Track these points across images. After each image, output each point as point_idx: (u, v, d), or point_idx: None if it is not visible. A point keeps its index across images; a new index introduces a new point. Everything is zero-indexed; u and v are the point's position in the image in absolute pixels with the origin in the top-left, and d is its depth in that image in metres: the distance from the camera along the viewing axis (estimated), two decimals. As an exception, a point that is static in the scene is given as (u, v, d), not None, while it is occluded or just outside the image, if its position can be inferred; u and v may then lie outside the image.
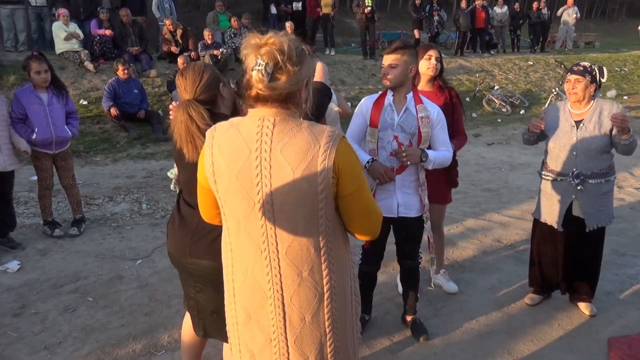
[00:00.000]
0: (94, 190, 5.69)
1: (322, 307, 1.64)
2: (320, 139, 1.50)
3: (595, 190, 3.06)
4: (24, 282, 3.69)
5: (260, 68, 1.45)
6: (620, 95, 13.04)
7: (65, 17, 8.83)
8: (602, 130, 2.98)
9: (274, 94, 1.49)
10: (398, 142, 2.71)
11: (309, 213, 1.54)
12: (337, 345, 1.71)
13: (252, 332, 1.68)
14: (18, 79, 8.17)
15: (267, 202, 1.52)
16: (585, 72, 2.98)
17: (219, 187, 1.58)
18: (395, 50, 2.65)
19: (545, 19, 15.32)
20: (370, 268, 3.00)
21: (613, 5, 43.22)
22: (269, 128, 1.51)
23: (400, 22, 24.09)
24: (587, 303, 3.33)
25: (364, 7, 12.00)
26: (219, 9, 11.39)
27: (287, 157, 1.49)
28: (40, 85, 4.22)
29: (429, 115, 2.73)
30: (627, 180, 6.45)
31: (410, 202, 2.81)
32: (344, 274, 1.69)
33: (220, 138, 1.57)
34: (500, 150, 8.32)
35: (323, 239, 1.59)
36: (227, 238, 1.66)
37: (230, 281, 1.69)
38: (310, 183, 1.50)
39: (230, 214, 1.60)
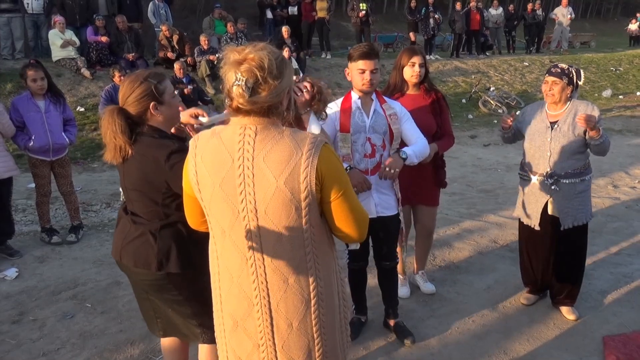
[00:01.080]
0: (92, 197, 5.71)
1: (309, 312, 1.65)
2: (303, 146, 1.51)
3: (569, 190, 3.09)
4: (22, 289, 3.70)
5: (240, 84, 1.44)
6: (616, 95, 13.11)
7: (61, 25, 8.86)
8: (575, 132, 3.00)
9: (255, 107, 1.50)
10: (371, 144, 2.75)
11: (294, 220, 1.54)
12: (326, 350, 1.72)
13: (239, 339, 1.69)
14: (15, 86, 8.19)
15: (251, 210, 1.53)
16: (562, 74, 3.00)
17: (203, 196, 1.59)
18: (376, 55, 2.69)
19: (540, 20, 15.39)
20: (358, 264, 3.03)
21: (608, 5, 43.39)
22: (250, 136, 1.52)
23: (396, 25, 24.18)
24: (570, 307, 3.31)
25: (359, 11, 12.05)
26: (217, 15, 11.43)
27: (270, 165, 1.50)
28: (37, 92, 4.24)
29: (395, 112, 2.80)
30: (623, 180, 6.49)
31: (386, 200, 2.84)
32: (330, 279, 1.70)
33: (203, 147, 1.57)
34: (496, 151, 8.35)
35: (308, 246, 1.60)
36: (213, 246, 1.67)
37: (217, 288, 1.70)
38: (294, 191, 1.50)
39: (216, 222, 1.61)
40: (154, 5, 10.75)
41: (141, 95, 1.99)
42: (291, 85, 1.60)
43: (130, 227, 2.07)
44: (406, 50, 3.25)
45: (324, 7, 12.64)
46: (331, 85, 11.17)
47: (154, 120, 2.03)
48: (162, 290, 2.11)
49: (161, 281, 2.07)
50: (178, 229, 2.04)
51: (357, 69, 2.70)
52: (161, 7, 10.85)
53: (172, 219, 2.03)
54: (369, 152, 2.77)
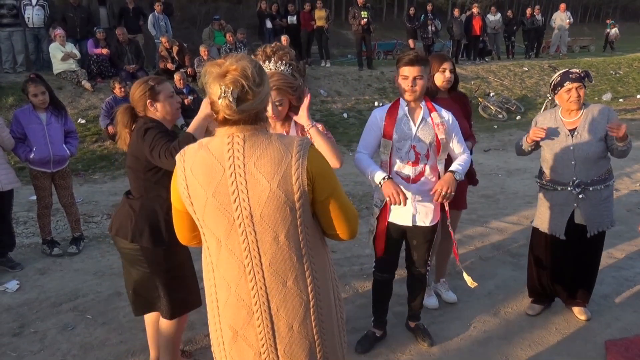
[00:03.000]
0: (93, 208, 5.72)
1: (308, 314, 1.66)
2: (291, 149, 1.54)
3: (596, 197, 3.03)
4: (23, 302, 3.70)
5: (226, 95, 1.47)
6: (616, 98, 13.12)
7: (61, 38, 8.93)
8: (597, 136, 2.95)
9: (243, 116, 1.53)
10: (415, 152, 2.72)
11: (289, 222, 1.57)
12: (326, 352, 1.73)
13: (240, 349, 1.68)
14: (17, 99, 8.25)
15: (247, 216, 1.55)
16: (583, 78, 2.95)
17: (196, 209, 1.59)
18: (419, 62, 2.62)
19: (539, 25, 15.44)
20: (383, 276, 2.98)
21: (607, 9, 43.49)
22: (239, 144, 1.54)
23: (396, 32, 24.29)
24: (582, 308, 3.32)
25: (360, 19, 12.12)
26: (216, 26, 11.50)
27: (261, 169, 1.52)
28: (39, 106, 4.28)
29: (444, 122, 2.74)
30: (624, 183, 6.47)
31: (426, 211, 2.80)
32: (326, 279, 1.72)
33: (191, 160, 1.58)
34: (496, 157, 8.36)
35: (304, 247, 1.62)
36: (208, 258, 1.67)
37: (214, 300, 1.69)
38: (287, 192, 1.53)
39: (210, 233, 1.61)
40: (153, 18, 10.84)
41: (140, 94, 2.44)
42: (270, 90, 1.65)
43: (122, 202, 2.53)
44: (435, 57, 3.26)
45: (322, 16, 12.72)
46: (331, 93, 11.22)
47: (151, 114, 2.47)
48: (134, 261, 2.50)
49: (135, 252, 2.46)
50: (154, 207, 2.43)
51: (401, 75, 2.69)
52: (161, 19, 10.93)
53: (152, 195, 2.43)
54: (413, 160, 2.73)
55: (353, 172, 7.30)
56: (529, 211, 5.44)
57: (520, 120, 11.21)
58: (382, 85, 12.00)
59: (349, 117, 10.53)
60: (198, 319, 3.42)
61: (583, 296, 3.31)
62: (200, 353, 3.07)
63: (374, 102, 11.23)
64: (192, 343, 3.16)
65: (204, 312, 3.44)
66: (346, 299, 3.61)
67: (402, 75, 2.67)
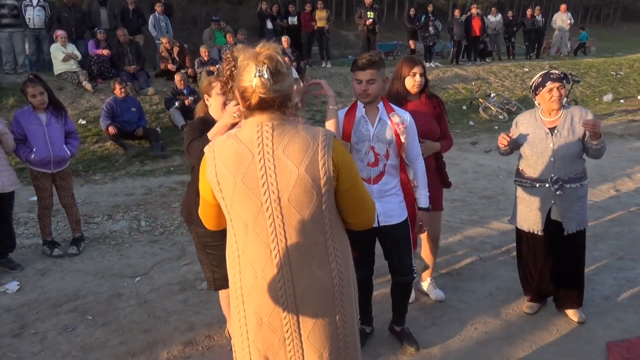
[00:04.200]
0: (93, 209, 5.72)
1: (332, 300, 1.70)
2: (317, 137, 1.63)
3: (572, 195, 3.13)
4: (23, 303, 3.70)
5: (262, 74, 1.55)
6: (617, 99, 13.10)
7: (62, 39, 8.93)
8: (575, 136, 3.07)
9: (276, 96, 1.60)
10: (374, 153, 2.75)
11: (315, 206, 1.63)
12: (348, 340, 1.77)
13: (264, 336, 1.70)
14: (17, 100, 8.25)
15: (275, 200, 1.61)
16: (563, 78, 3.07)
17: (224, 194, 1.64)
18: (371, 65, 2.67)
19: (540, 26, 15.43)
20: (363, 274, 2.95)
21: (607, 10, 43.51)
22: (268, 132, 1.62)
23: (396, 33, 24.31)
24: (575, 310, 3.31)
25: (367, 19, 12.12)
26: (215, 27, 11.51)
27: (290, 155, 1.60)
28: (38, 107, 4.27)
29: (404, 121, 2.77)
30: (625, 184, 6.46)
31: (390, 209, 2.80)
32: (348, 265, 1.78)
33: (221, 149, 1.65)
34: (497, 158, 8.33)
35: (328, 231, 1.68)
36: (233, 245, 1.71)
37: (239, 288, 1.72)
38: (314, 177, 1.60)
39: (238, 219, 1.66)
40: (154, 18, 10.84)
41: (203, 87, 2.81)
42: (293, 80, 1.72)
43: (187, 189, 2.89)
44: (406, 60, 3.30)
45: (323, 17, 12.73)
46: (332, 94, 11.19)
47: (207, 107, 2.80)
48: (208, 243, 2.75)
49: (206, 236, 2.70)
50: (190, 190, 2.77)
51: (355, 79, 2.75)
52: (161, 20, 10.94)
53: (191, 180, 2.79)
54: (372, 161, 2.76)
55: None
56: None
57: (521, 121, 11.19)
58: (382, 86, 11.98)
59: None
60: (199, 319, 3.42)
61: (574, 298, 3.30)
62: (201, 354, 3.06)
63: (375, 102, 11.21)
64: (192, 344, 3.15)
65: (204, 313, 3.47)
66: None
67: (356, 79, 2.73)
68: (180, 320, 3.43)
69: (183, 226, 5.17)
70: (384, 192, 2.79)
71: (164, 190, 6.47)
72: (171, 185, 6.67)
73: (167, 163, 7.80)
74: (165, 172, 7.45)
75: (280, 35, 11.83)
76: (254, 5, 20.79)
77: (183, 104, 8.54)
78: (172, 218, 5.40)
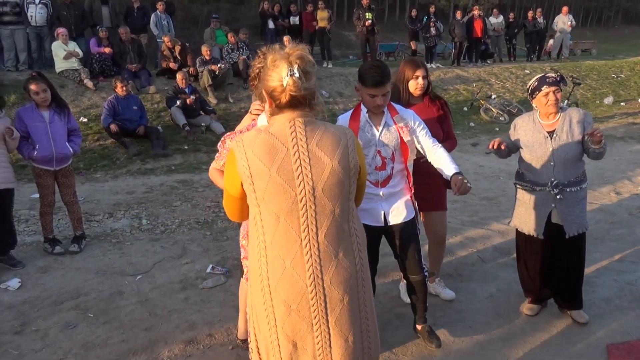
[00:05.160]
0: (94, 207, 5.72)
1: (355, 285, 1.80)
2: (346, 134, 1.79)
3: (572, 198, 3.12)
4: (24, 300, 3.70)
5: (294, 73, 1.65)
6: (618, 102, 13.11)
7: (64, 37, 8.93)
8: (574, 139, 3.05)
9: (306, 93, 1.71)
10: (381, 157, 2.76)
11: (344, 196, 1.77)
12: (369, 324, 1.87)
13: (293, 323, 1.77)
14: (19, 98, 8.25)
15: (309, 190, 1.71)
16: (560, 81, 3.05)
17: (257, 187, 1.71)
18: (384, 81, 2.65)
19: (541, 28, 15.44)
20: None
21: (608, 12, 43.55)
22: (301, 127, 1.73)
23: (398, 34, 24.33)
24: (579, 311, 3.32)
25: (365, 20, 12.13)
26: (214, 25, 11.52)
27: (323, 149, 1.72)
28: (41, 104, 4.28)
29: (408, 123, 2.77)
30: (625, 187, 6.47)
31: (397, 207, 2.81)
32: (365, 250, 1.90)
33: (252, 143, 1.71)
34: (498, 159, 8.30)
35: (351, 220, 1.82)
36: (260, 237, 1.77)
37: (265, 279, 1.77)
38: (345, 169, 1.74)
39: (269, 210, 1.73)
40: (156, 17, 10.84)
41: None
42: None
43: None
44: (408, 63, 3.27)
45: (324, 17, 12.74)
46: (333, 94, 11.22)
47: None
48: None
49: None
50: None
51: (367, 93, 2.69)
52: (163, 19, 10.94)
53: None
54: (379, 165, 2.77)
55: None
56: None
57: (522, 122, 11.20)
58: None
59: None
60: (200, 318, 3.42)
61: (576, 299, 3.32)
62: (202, 352, 3.07)
63: (376, 103, 11.21)
64: (193, 342, 3.15)
65: (205, 312, 3.47)
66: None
67: (369, 94, 2.68)
68: (182, 318, 3.43)
69: (184, 225, 5.18)
70: (392, 193, 2.80)
71: (165, 188, 6.47)
72: (172, 184, 6.67)
73: (168, 162, 7.81)
74: (166, 170, 7.45)
75: (281, 35, 11.84)
76: (255, 5, 20.79)
77: (184, 102, 8.55)
78: (173, 217, 5.40)
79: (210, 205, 5.80)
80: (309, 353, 1.81)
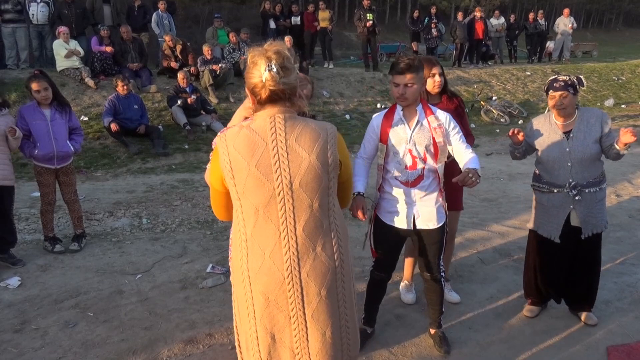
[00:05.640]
0: (95, 206, 5.72)
1: (334, 280, 1.82)
2: (324, 129, 1.80)
3: (591, 199, 3.08)
4: (24, 298, 3.70)
5: (271, 68, 1.68)
6: (618, 104, 13.12)
7: (65, 35, 8.93)
8: (591, 139, 3.01)
9: (285, 88, 1.73)
10: (412, 156, 2.72)
11: (322, 191, 1.78)
12: (348, 319, 1.88)
13: (271, 314, 1.80)
14: (20, 96, 8.26)
15: (287, 184, 1.74)
16: (567, 86, 2.99)
17: (237, 181, 1.75)
18: (410, 69, 2.60)
19: (542, 30, 15.44)
20: (381, 275, 2.98)
21: (610, 15, 43.57)
22: (281, 123, 1.75)
23: (399, 35, 24.34)
24: (588, 312, 3.33)
25: (366, 21, 12.13)
26: (217, 24, 11.52)
27: (302, 144, 1.75)
28: (42, 102, 4.28)
29: (442, 124, 2.73)
30: (626, 189, 6.47)
31: (429, 212, 2.79)
32: (347, 247, 1.91)
33: (234, 139, 1.75)
34: (498, 160, 8.36)
35: (331, 215, 1.83)
36: (242, 229, 1.81)
37: (245, 270, 1.80)
38: (323, 163, 1.76)
39: (249, 204, 1.77)
40: (157, 16, 10.84)
41: None
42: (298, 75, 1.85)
43: None
44: (424, 61, 3.22)
45: (326, 17, 12.74)
46: (333, 94, 11.22)
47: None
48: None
49: None
50: None
51: (392, 82, 2.70)
52: (164, 18, 10.94)
53: None
54: (410, 164, 2.74)
55: (355, 173, 7.32)
56: (530, 215, 5.44)
57: (523, 124, 11.21)
58: (384, 87, 12.00)
59: (352, 118, 10.53)
60: (199, 317, 3.42)
61: (587, 301, 3.32)
62: (201, 352, 3.07)
63: (377, 104, 11.23)
64: (193, 342, 3.15)
65: (205, 312, 3.47)
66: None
67: (394, 83, 2.69)
68: (181, 318, 3.43)
69: (184, 224, 5.18)
70: (422, 195, 2.77)
71: (166, 188, 6.47)
72: (172, 183, 6.67)
73: (168, 161, 7.81)
74: (166, 170, 7.45)
75: (283, 35, 11.84)
76: (256, 5, 20.82)
77: (185, 102, 8.55)
78: (173, 216, 5.40)
79: (210, 204, 5.80)
80: (287, 346, 1.84)
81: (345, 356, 1.92)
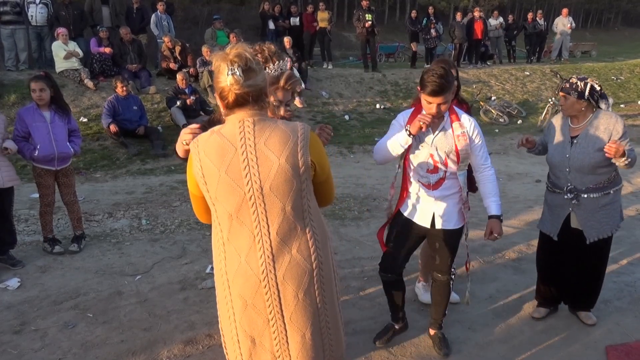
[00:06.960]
0: (94, 207, 5.72)
1: (312, 282, 1.80)
2: (296, 131, 1.76)
3: (591, 204, 3.05)
4: (23, 299, 3.70)
5: (233, 71, 1.67)
6: (617, 104, 13.12)
7: (64, 36, 8.93)
8: (595, 147, 2.92)
9: (250, 90, 1.71)
10: (433, 160, 2.73)
11: (294, 194, 1.75)
12: (328, 320, 1.87)
13: (250, 318, 1.80)
14: (19, 97, 8.26)
15: (257, 189, 1.72)
16: (570, 89, 2.96)
17: (209, 187, 1.74)
18: (443, 91, 2.53)
19: (541, 30, 15.45)
20: (387, 276, 2.96)
21: (608, 14, 43.58)
22: (249, 127, 1.73)
23: (398, 35, 24.36)
24: (587, 312, 3.34)
25: (365, 22, 12.14)
26: (217, 26, 11.53)
27: (271, 147, 1.72)
28: (38, 103, 4.28)
29: (465, 132, 2.71)
30: (625, 189, 6.47)
31: (449, 212, 2.80)
32: (326, 248, 1.89)
33: (204, 144, 1.74)
34: (497, 160, 8.36)
35: (307, 217, 1.81)
36: (219, 234, 1.81)
37: (224, 274, 1.81)
38: (294, 166, 1.73)
39: (222, 209, 1.76)
40: (156, 17, 10.84)
41: None
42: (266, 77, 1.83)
43: None
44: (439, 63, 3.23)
45: (325, 18, 12.74)
46: (333, 95, 11.22)
47: None
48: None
49: None
50: None
51: (425, 99, 2.62)
52: (163, 19, 10.94)
53: None
54: (432, 168, 2.75)
55: (354, 174, 7.30)
56: (529, 215, 5.45)
57: (522, 124, 11.21)
58: (384, 87, 12.01)
59: (351, 119, 10.53)
60: (199, 318, 3.42)
61: (588, 301, 3.32)
62: (201, 352, 3.07)
63: (376, 104, 11.23)
64: (192, 342, 3.16)
65: (204, 312, 3.47)
66: (347, 301, 3.61)
67: (427, 100, 2.60)
68: (181, 319, 3.44)
69: (184, 225, 5.18)
70: (444, 198, 2.79)
71: (165, 189, 6.47)
72: (172, 185, 6.67)
73: (167, 162, 7.81)
74: (166, 171, 7.45)
75: (282, 35, 11.85)
76: (255, 6, 20.84)
77: (184, 103, 8.55)
78: (172, 217, 5.41)
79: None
80: (267, 349, 1.84)
81: (327, 356, 1.92)
